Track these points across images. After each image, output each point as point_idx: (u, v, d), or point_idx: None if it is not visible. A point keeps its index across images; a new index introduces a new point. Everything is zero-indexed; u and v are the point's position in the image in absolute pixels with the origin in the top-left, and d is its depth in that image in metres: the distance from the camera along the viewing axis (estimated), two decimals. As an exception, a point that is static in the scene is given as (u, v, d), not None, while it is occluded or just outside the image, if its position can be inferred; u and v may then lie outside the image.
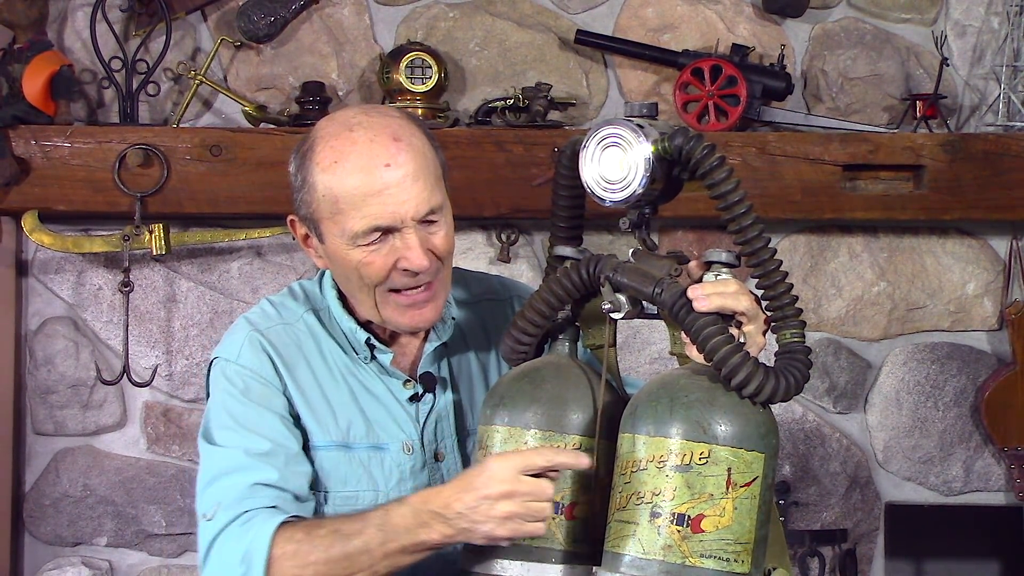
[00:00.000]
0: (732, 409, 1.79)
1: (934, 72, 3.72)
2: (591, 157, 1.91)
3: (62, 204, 3.49)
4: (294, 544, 2.03)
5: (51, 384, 3.68)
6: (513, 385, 1.98)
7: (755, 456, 1.77)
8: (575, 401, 1.93)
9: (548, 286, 2.00)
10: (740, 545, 1.76)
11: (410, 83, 3.57)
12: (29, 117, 3.47)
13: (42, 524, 3.69)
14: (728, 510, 1.76)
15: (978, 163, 3.56)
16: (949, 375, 3.82)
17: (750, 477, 1.77)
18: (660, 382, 1.85)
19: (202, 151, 3.48)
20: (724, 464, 1.76)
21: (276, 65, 3.72)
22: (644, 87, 3.75)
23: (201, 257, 3.70)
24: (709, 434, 1.77)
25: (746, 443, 1.78)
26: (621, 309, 1.91)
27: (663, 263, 1.90)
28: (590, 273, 1.95)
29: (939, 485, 3.82)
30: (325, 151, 2.17)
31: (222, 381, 2.26)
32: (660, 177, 1.88)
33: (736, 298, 1.85)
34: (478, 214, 3.57)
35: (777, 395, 1.79)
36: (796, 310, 1.85)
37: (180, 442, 3.70)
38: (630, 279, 1.90)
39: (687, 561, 1.76)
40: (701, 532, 1.76)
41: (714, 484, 1.76)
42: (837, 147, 3.55)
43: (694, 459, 1.76)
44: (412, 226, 2.16)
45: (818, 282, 3.78)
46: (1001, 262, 3.81)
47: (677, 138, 1.85)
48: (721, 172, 1.83)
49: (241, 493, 2.11)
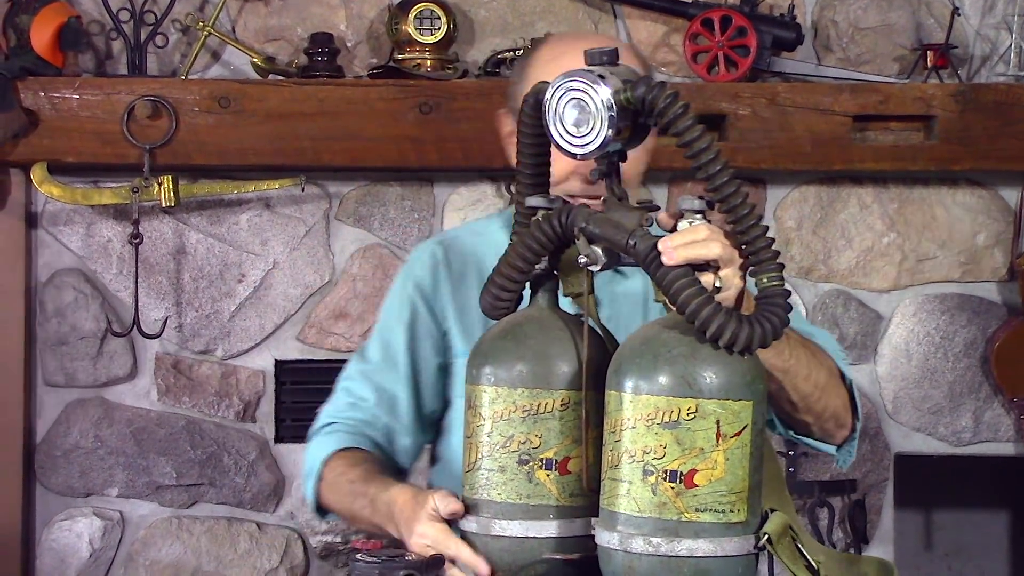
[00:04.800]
0: (716, 360, 1.77)
1: (945, 22, 3.70)
2: (554, 109, 1.88)
3: (71, 156, 3.49)
4: (334, 475, 2.33)
5: (62, 336, 3.69)
6: (497, 343, 1.96)
7: (743, 405, 1.76)
8: (559, 355, 1.92)
9: (522, 239, 1.97)
10: (735, 495, 1.76)
11: (419, 34, 3.56)
12: (37, 69, 3.47)
13: (53, 475, 3.71)
14: (720, 462, 1.75)
15: (989, 113, 3.55)
16: (959, 326, 3.82)
17: (739, 427, 1.76)
18: (643, 336, 1.83)
19: (211, 103, 3.48)
20: (712, 417, 1.75)
21: (284, 16, 3.71)
22: (653, 38, 3.73)
23: (210, 209, 3.71)
24: (695, 388, 1.75)
25: (732, 393, 1.76)
26: (598, 262, 1.89)
27: (633, 213, 1.88)
28: (563, 224, 1.92)
29: (948, 436, 3.83)
30: (549, 48, 2.32)
31: (396, 282, 2.49)
32: (624, 126, 1.85)
33: (706, 245, 1.81)
34: (487, 166, 3.56)
35: (753, 343, 1.76)
36: (772, 253, 1.81)
37: (190, 393, 3.71)
38: (603, 231, 1.87)
39: (683, 516, 1.75)
40: (695, 487, 1.75)
41: (704, 438, 1.75)
42: (847, 98, 3.54)
43: (682, 415, 1.75)
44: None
45: (828, 233, 3.78)
46: (1011, 212, 3.80)
47: (639, 88, 1.82)
48: (686, 120, 1.79)
49: (337, 406, 2.44)
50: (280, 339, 3.74)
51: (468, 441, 1.95)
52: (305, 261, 3.73)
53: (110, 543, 3.71)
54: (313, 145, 3.50)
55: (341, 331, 3.73)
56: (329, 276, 3.74)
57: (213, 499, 3.73)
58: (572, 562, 1.90)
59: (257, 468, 3.73)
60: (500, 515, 1.92)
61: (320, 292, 3.74)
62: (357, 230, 3.74)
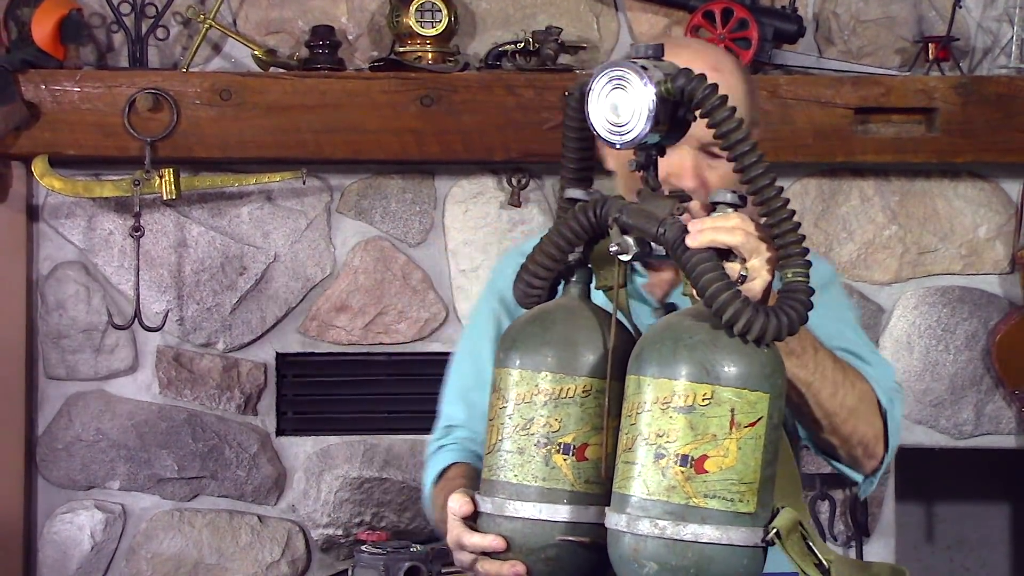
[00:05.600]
0: (736, 350, 1.78)
1: (947, 14, 3.70)
2: (596, 99, 1.90)
3: (72, 149, 3.49)
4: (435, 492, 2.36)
5: (63, 328, 3.70)
6: (525, 328, 1.99)
7: (759, 396, 1.77)
8: (585, 343, 1.94)
9: (557, 229, 2.00)
10: (745, 485, 1.77)
11: (420, 27, 3.56)
12: (38, 61, 3.47)
13: (55, 468, 3.71)
14: (732, 451, 1.76)
15: (991, 106, 3.55)
16: (960, 318, 3.82)
17: (754, 417, 1.77)
18: (666, 323, 1.85)
19: (212, 95, 3.48)
20: (727, 405, 1.76)
21: (285, 9, 3.71)
22: (655, 30, 3.73)
23: (211, 202, 3.71)
24: (712, 375, 1.77)
25: (750, 383, 1.77)
26: (628, 251, 1.91)
27: (666, 202, 1.90)
28: (597, 215, 1.94)
29: (950, 428, 3.83)
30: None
31: (482, 294, 2.57)
32: (665, 119, 1.86)
33: (731, 232, 1.82)
34: (488, 158, 3.56)
35: (768, 334, 1.77)
36: (801, 249, 1.82)
37: (192, 386, 3.72)
38: (635, 220, 1.89)
39: (691, 502, 1.76)
40: (705, 473, 1.76)
41: (717, 425, 1.76)
42: (849, 90, 3.54)
43: (697, 400, 1.77)
44: (691, 148, 2.20)
45: (829, 226, 3.77)
46: (1013, 205, 3.80)
47: (680, 79, 1.84)
48: (723, 111, 1.81)
49: (438, 432, 2.48)
50: (281, 332, 3.74)
51: (491, 424, 1.98)
52: (306, 254, 3.73)
53: (112, 536, 3.72)
54: (314, 138, 3.50)
55: (342, 324, 3.73)
56: (330, 269, 3.74)
57: (214, 492, 3.74)
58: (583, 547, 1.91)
59: (259, 461, 3.73)
60: (515, 496, 1.94)
61: (321, 285, 3.74)
62: (358, 223, 3.74)
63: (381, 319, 3.74)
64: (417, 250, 3.75)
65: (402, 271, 3.74)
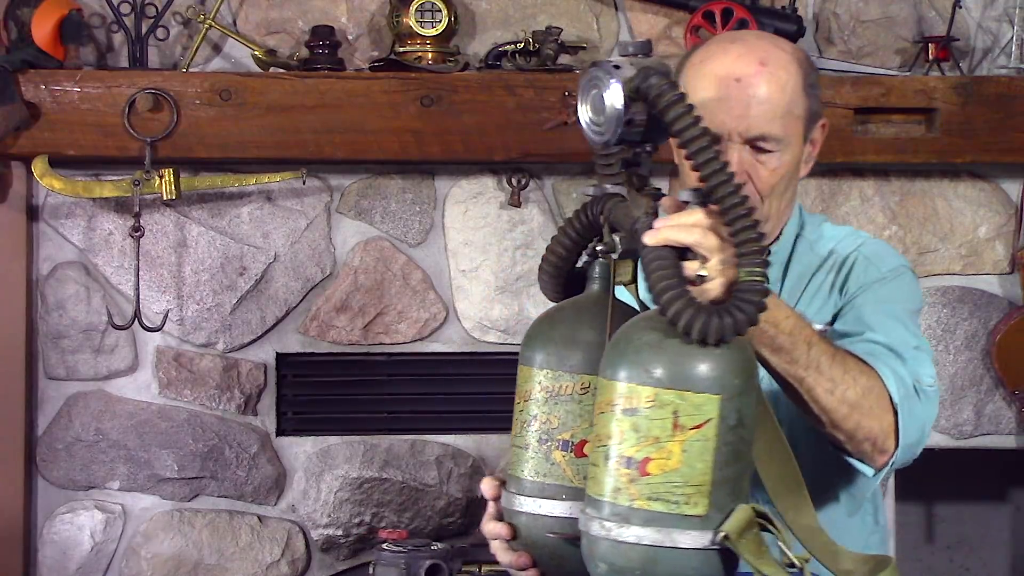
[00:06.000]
0: (681, 351, 1.75)
1: (947, 14, 3.70)
2: (580, 99, 1.90)
3: (72, 149, 3.49)
4: None
5: (63, 329, 3.69)
6: (536, 325, 2.01)
7: (706, 398, 1.73)
8: (587, 340, 1.94)
9: (563, 227, 2.01)
10: (692, 488, 1.74)
11: (420, 27, 3.56)
12: (38, 62, 3.47)
13: (55, 468, 3.71)
14: (676, 453, 1.73)
15: (991, 106, 3.55)
16: (960, 319, 3.82)
17: (700, 419, 1.74)
18: (629, 323, 1.84)
19: (212, 95, 3.48)
20: (670, 407, 1.73)
21: (285, 9, 3.71)
22: (655, 30, 3.73)
23: (211, 202, 3.70)
24: (654, 377, 1.74)
25: (694, 385, 1.74)
26: (615, 249, 1.91)
27: (643, 201, 1.89)
28: (592, 213, 1.95)
29: (950, 428, 3.83)
30: (703, 50, 2.31)
31: None
32: (639, 119, 1.84)
33: (688, 230, 1.80)
34: (488, 158, 3.57)
35: (710, 334, 1.73)
36: (758, 248, 1.78)
37: (192, 387, 3.71)
38: (617, 217, 1.89)
39: (634, 504, 1.75)
40: (648, 475, 1.74)
41: (660, 427, 1.74)
42: (849, 90, 3.54)
43: (640, 403, 1.75)
44: (738, 143, 2.22)
45: (829, 226, 3.77)
46: (1013, 205, 3.80)
47: (637, 78, 1.82)
48: (677, 109, 1.78)
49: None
50: (281, 332, 3.74)
51: (513, 419, 2.00)
52: (306, 254, 3.73)
53: (112, 536, 3.72)
54: (314, 138, 3.50)
55: (342, 324, 3.73)
56: (330, 269, 3.74)
57: (214, 492, 3.74)
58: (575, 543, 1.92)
59: (259, 461, 3.73)
60: (522, 491, 1.96)
61: (321, 285, 3.74)
62: (358, 223, 3.74)
63: (381, 319, 3.74)
64: (417, 250, 3.75)
65: (402, 271, 3.74)
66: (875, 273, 2.35)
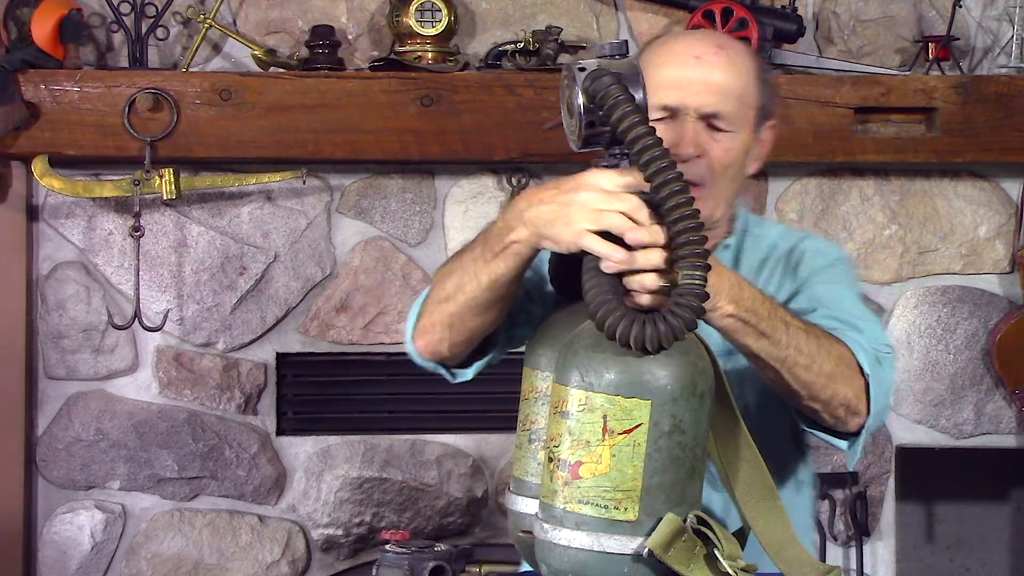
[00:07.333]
0: (614, 356, 1.74)
1: (947, 13, 3.70)
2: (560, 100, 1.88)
3: (72, 149, 3.49)
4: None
5: (63, 329, 3.69)
6: (540, 327, 2.03)
7: (636, 403, 1.72)
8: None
9: None
10: (621, 493, 1.73)
11: (420, 26, 3.56)
12: (38, 61, 3.47)
13: (55, 468, 3.71)
14: (605, 457, 1.73)
15: (990, 105, 3.55)
16: (960, 318, 3.81)
17: (630, 424, 1.73)
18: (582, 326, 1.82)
19: (212, 95, 3.48)
20: (600, 411, 1.73)
21: (285, 9, 3.71)
22: (655, 30, 3.73)
23: (211, 201, 3.70)
24: (586, 381, 1.74)
25: (624, 390, 1.73)
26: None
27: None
28: None
29: (950, 428, 3.83)
30: (667, 37, 2.39)
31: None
32: (600, 121, 1.83)
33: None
34: (488, 158, 3.56)
35: (638, 341, 1.71)
36: (701, 251, 1.73)
37: (191, 386, 3.71)
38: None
39: (567, 506, 1.75)
40: (580, 479, 1.74)
41: (591, 431, 1.74)
42: (849, 90, 3.54)
43: (574, 405, 1.75)
44: (692, 117, 2.25)
45: (829, 225, 3.77)
46: (1013, 205, 3.80)
47: (587, 80, 1.79)
48: (621, 109, 1.75)
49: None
50: (281, 332, 3.74)
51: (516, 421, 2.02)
52: (306, 254, 3.72)
53: (112, 536, 3.72)
54: (314, 138, 3.50)
55: (342, 324, 3.73)
56: (330, 269, 3.74)
57: (215, 492, 3.73)
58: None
59: (259, 461, 3.73)
60: (515, 489, 1.97)
61: (321, 285, 3.74)
62: (358, 223, 3.74)
63: (381, 319, 3.74)
64: (417, 250, 3.75)
65: (402, 271, 3.73)
66: (823, 261, 2.39)
